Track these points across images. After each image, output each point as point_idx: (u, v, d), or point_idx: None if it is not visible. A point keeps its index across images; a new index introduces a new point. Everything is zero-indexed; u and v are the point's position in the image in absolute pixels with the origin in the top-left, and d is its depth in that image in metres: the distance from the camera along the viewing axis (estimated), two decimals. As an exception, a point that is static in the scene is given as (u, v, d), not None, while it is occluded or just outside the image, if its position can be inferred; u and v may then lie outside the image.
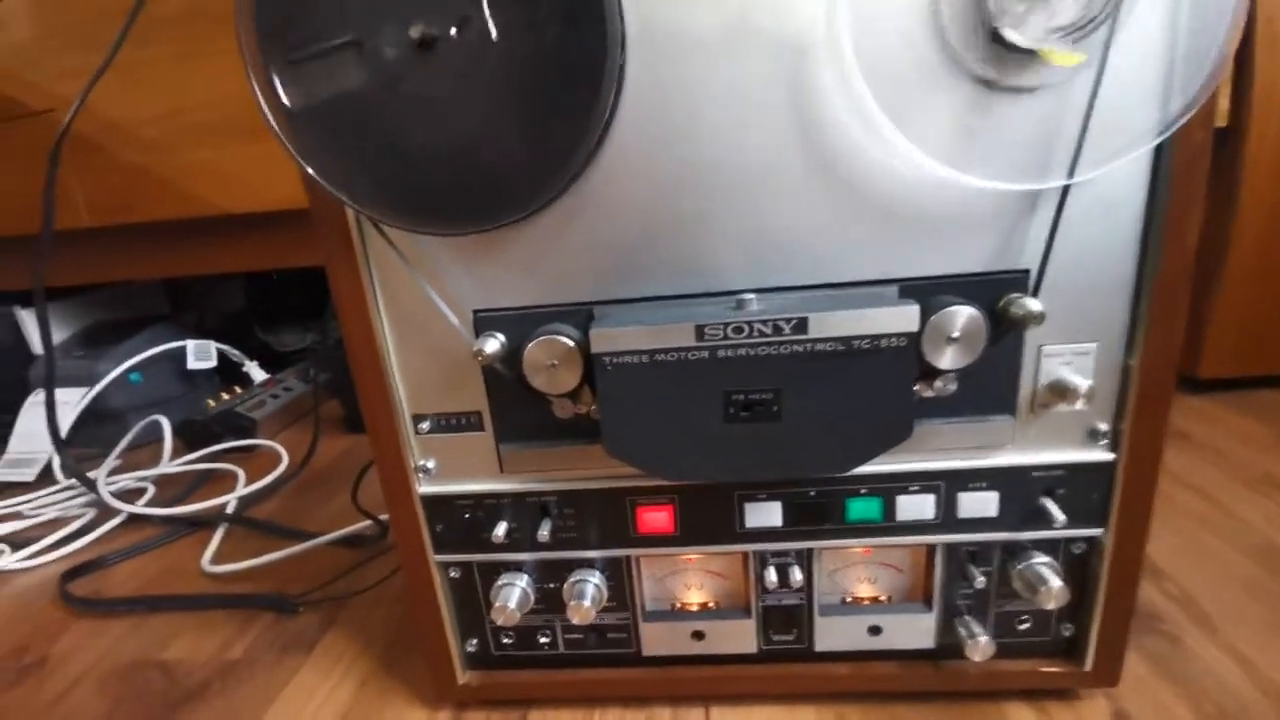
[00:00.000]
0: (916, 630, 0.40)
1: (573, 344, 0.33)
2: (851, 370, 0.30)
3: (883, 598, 0.41)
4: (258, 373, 1.07)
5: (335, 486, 0.80)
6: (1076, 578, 0.38)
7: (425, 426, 0.38)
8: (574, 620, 0.39)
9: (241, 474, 0.83)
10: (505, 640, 0.43)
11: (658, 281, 0.34)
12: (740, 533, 0.38)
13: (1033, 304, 0.30)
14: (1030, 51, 0.27)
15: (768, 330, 0.30)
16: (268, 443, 0.92)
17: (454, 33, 0.28)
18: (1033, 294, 0.31)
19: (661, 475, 0.34)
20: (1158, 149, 0.30)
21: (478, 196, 0.31)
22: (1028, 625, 0.40)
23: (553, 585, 0.41)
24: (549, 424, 0.36)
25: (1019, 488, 0.36)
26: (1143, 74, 0.28)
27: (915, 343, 0.30)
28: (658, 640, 0.42)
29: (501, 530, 0.39)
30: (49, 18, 0.83)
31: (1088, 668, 0.39)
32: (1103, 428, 0.35)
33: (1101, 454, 0.35)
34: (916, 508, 0.37)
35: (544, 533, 0.39)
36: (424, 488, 0.39)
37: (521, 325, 0.35)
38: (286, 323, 1.33)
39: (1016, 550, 0.38)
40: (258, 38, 0.29)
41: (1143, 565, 0.37)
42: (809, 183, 0.31)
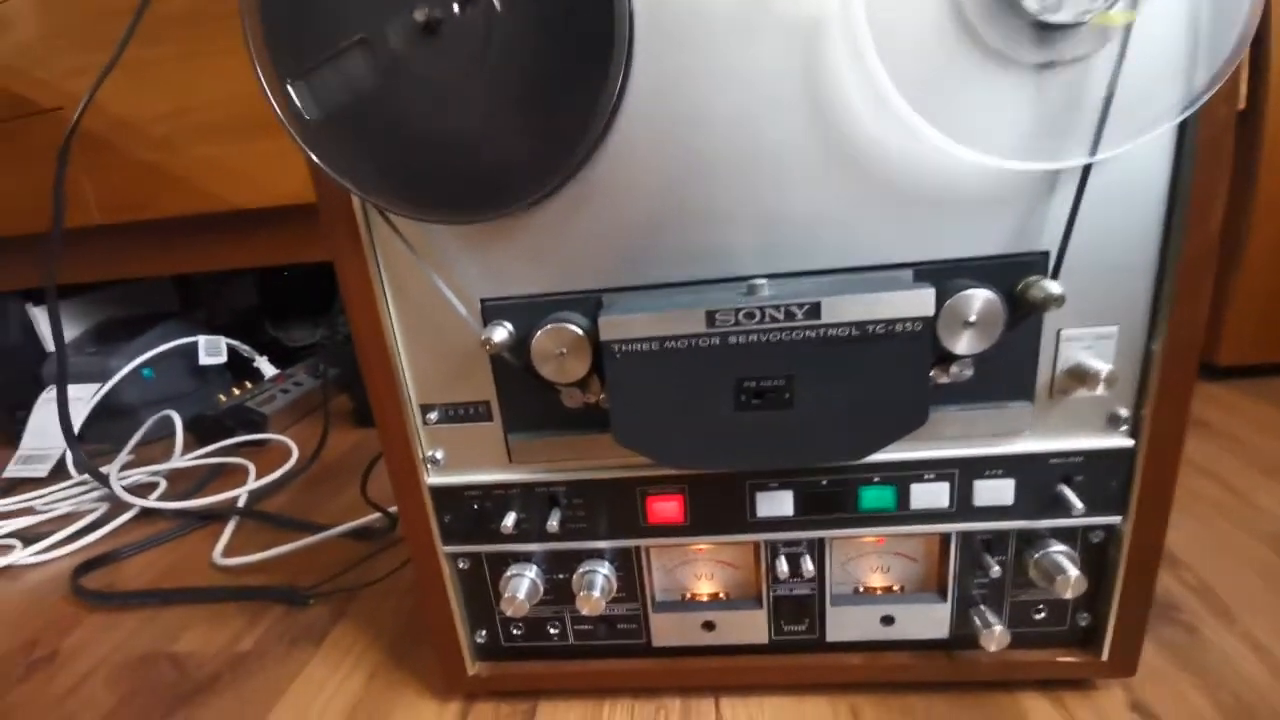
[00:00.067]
0: (930, 620, 0.40)
1: (581, 332, 0.32)
2: (865, 356, 0.30)
3: (896, 587, 0.40)
4: (268, 368, 1.08)
5: (345, 480, 0.80)
6: (1094, 566, 0.37)
7: (433, 417, 0.38)
8: (583, 611, 0.39)
9: (252, 468, 0.84)
10: (515, 631, 0.43)
11: (667, 268, 0.33)
12: (751, 522, 0.38)
13: (1053, 286, 0.29)
14: (1057, 26, 0.26)
15: (780, 316, 0.29)
16: (278, 437, 0.93)
17: (457, 10, 0.28)
18: (1052, 276, 0.30)
19: (671, 464, 0.34)
20: (1181, 126, 0.29)
21: (484, 183, 0.31)
22: (1043, 615, 0.39)
23: (562, 576, 0.41)
24: (557, 413, 0.36)
25: (1036, 475, 0.35)
26: (1166, 47, 0.28)
27: (931, 327, 0.29)
28: (668, 631, 0.42)
29: (510, 521, 0.38)
30: (57, 16, 0.83)
31: (1104, 657, 0.39)
32: (1123, 413, 0.34)
33: (1121, 440, 0.34)
34: (931, 496, 0.36)
35: (553, 523, 0.38)
36: (432, 479, 0.39)
37: (530, 314, 0.34)
38: (296, 319, 1.34)
39: (1033, 539, 0.37)
40: (269, 51, 0.29)
41: (1162, 553, 0.36)
42: (821, 165, 0.31)
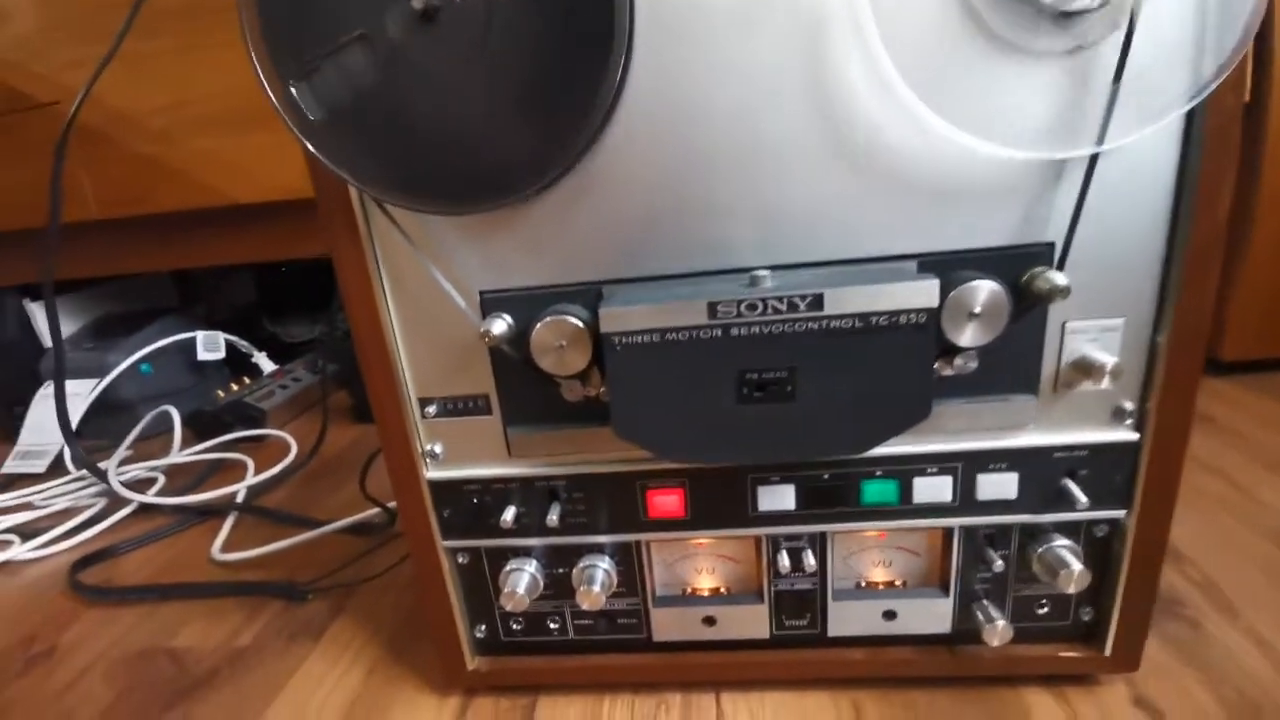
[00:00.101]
0: (932, 615, 0.39)
1: (581, 324, 0.32)
2: (869, 348, 0.29)
3: (898, 582, 0.40)
4: (266, 364, 1.08)
5: (344, 475, 0.80)
6: (1098, 561, 0.37)
7: (432, 410, 0.38)
8: (583, 606, 0.39)
9: (251, 463, 0.83)
10: (514, 626, 0.43)
11: (668, 260, 0.33)
12: (752, 516, 0.38)
13: (1058, 277, 0.29)
14: (1064, 13, 0.25)
15: (782, 307, 0.29)
16: (277, 432, 0.92)
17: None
18: (1058, 267, 0.30)
19: (672, 458, 0.33)
20: (1188, 116, 0.29)
21: (483, 174, 0.31)
22: (1046, 610, 0.39)
23: (562, 571, 0.40)
24: (557, 407, 0.36)
25: (1040, 469, 0.35)
26: (1173, 36, 0.27)
27: (935, 319, 0.29)
28: (668, 626, 0.41)
29: (510, 515, 0.38)
30: (55, 9, 0.83)
31: (1108, 653, 0.38)
32: (1128, 406, 0.34)
33: (1126, 434, 0.34)
34: (934, 490, 0.36)
35: (553, 517, 0.38)
36: (431, 472, 0.39)
37: (529, 306, 0.34)
38: (295, 315, 1.34)
39: (1036, 533, 0.37)
40: (269, 51, 0.29)
41: (1166, 548, 0.36)
42: (824, 156, 0.30)
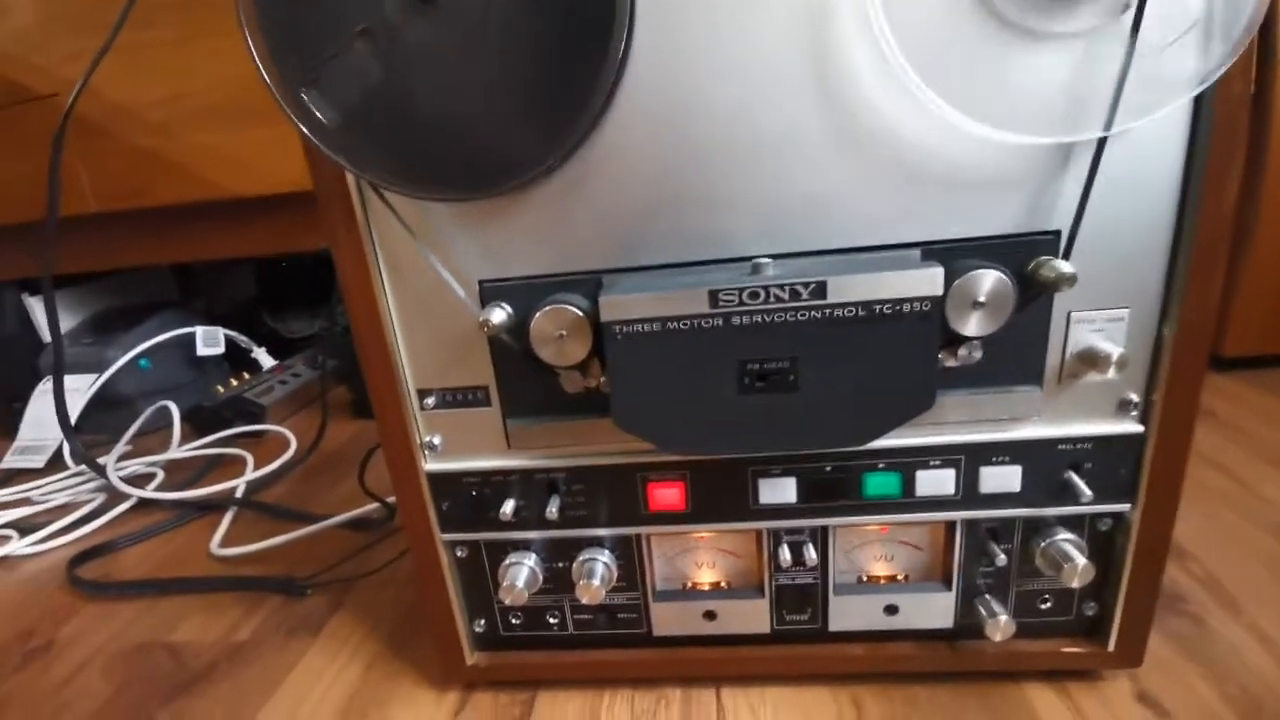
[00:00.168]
0: (934, 610, 0.39)
1: (581, 313, 0.32)
2: (872, 337, 0.29)
3: (900, 576, 0.40)
4: (266, 359, 1.07)
5: (343, 471, 0.80)
6: (1101, 555, 0.37)
7: (431, 402, 0.37)
8: (583, 600, 0.38)
9: (250, 459, 0.83)
10: (514, 621, 0.42)
11: (669, 249, 0.33)
12: (754, 510, 0.37)
13: (1064, 266, 0.28)
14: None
15: (785, 295, 0.29)
16: (276, 428, 0.92)
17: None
18: (1063, 256, 0.29)
19: (673, 449, 0.33)
20: (1196, 104, 0.28)
21: (482, 160, 0.30)
22: (1049, 604, 0.39)
23: (561, 564, 0.40)
24: (557, 398, 0.35)
25: (1044, 462, 0.35)
26: (1182, 18, 0.27)
27: (939, 307, 0.29)
28: (669, 620, 0.41)
29: (509, 508, 0.38)
30: (53, 2, 0.82)
31: (1111, 648, 0.38)
32: (1133, 398, 0.33)
33: (1131, 426, 0.34)
34: (937, 483, 0.36)
35: (552, 510, 0.38)
36: (430, 465, 0.38)
37: (529, 295, 0.33)
38: (295, 310, 1.33)
39: (1040, 527, 0.37)
40: (273, 57, 0.29)
41: (1170, 543, 0.36)
42: (827, 144, 0.30)
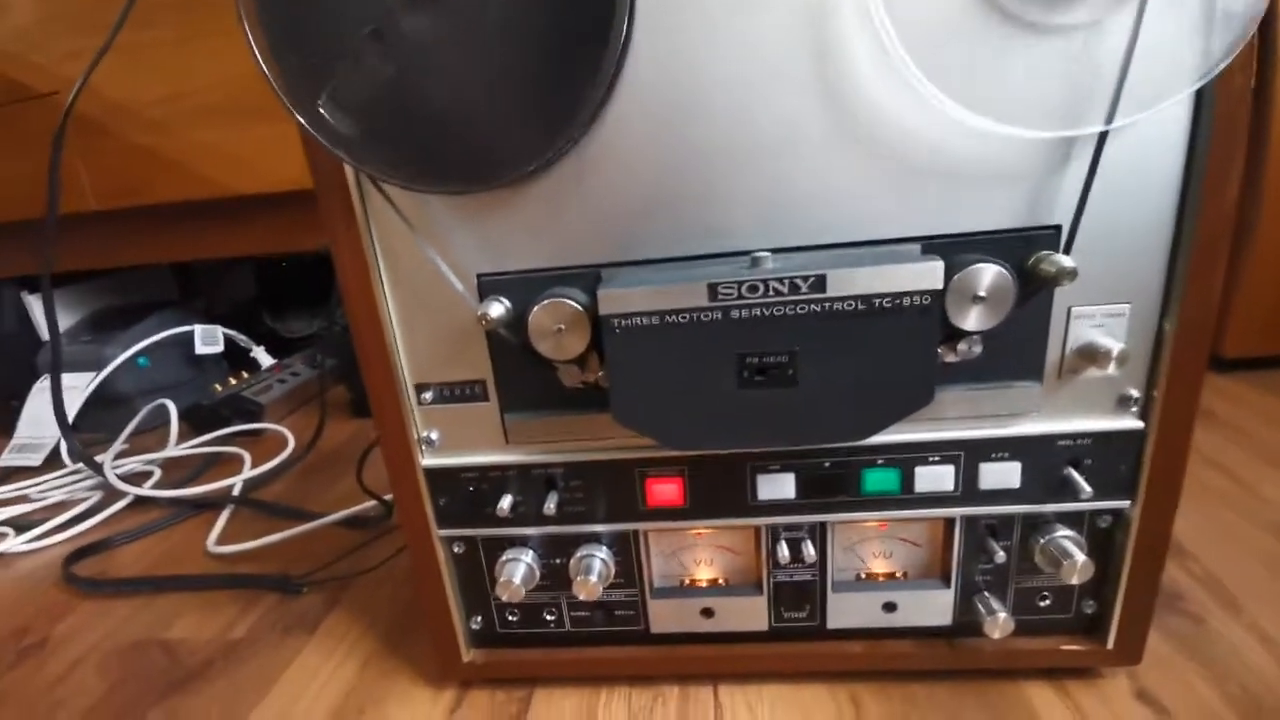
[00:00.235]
0: (933, 607, 0.39)
1: (580, 307, 0.31)
2: (871, 331, 0.29)
3: (899, 573, 0.39)
4: (265, 358, 1.07)
5: (341, 470, 0.79)
6: (1101, 552, 0.37)
7: (428, 397, 0.37)
8: (580, 597, 0.38)
9: (248, 457, 0.83)
10: (510, 618, 0.42)
11: (668, 243, 0.32)
12: (752, 506, 0.37)
13: (1065, 260, 0.28)
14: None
15: (784, 289, 0.28)
16: (274, 426, 0.92)
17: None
18: (1064, 251, 0.29)
19: (672, 444, 0.33)
20: (1197, 99, 0.28)
21: (481, 152, 0.30)
22: (1048, 602, 0.38)
23: (559, 561, 0.40)
24: (555, 393, 0.35)
25: (1044, 458, 0.35)
26: (1183, 12, 0.27)
27: (939, 301, 0.28)
28: (666, 618, 0.41)
29: (506, 504, 0.38)
30: (53, 1, 0.82)
31: (1110, 645, 0.38)
32: (1134, 394, 0.33)
33: (1131, 422, 0.34)
34: (936, 479, 0.36)
35: (550, 506, 0.38)
36: (427, 460, 0.38)
37: (527, 289, 0.33)
38: (294, 310, 1.33)
39: (1039, 523, 0.36)
40: (284, 74, 0.29)
41: (1170, 540, 0.35)
42: (827, 136, 0.30)
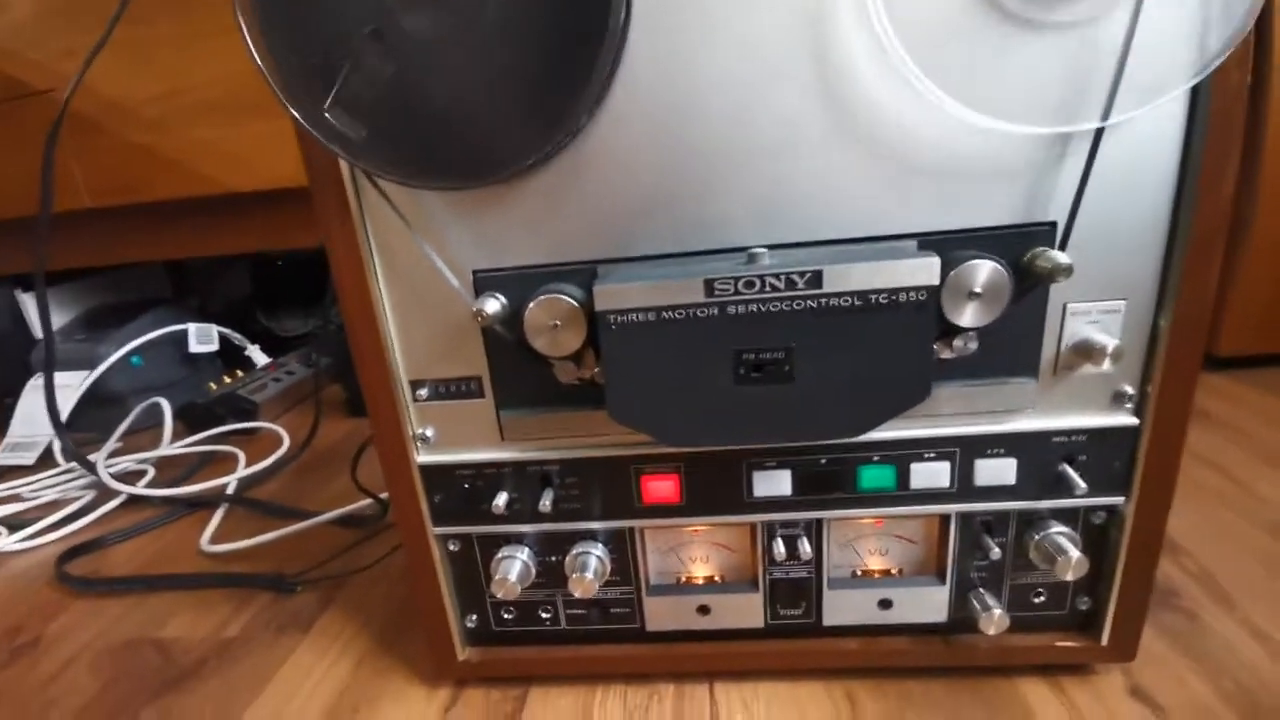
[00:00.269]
0: (929, 604, 0.39)
1: (575, 303, 0.31)
2: (868, 327, 0.29)
3: (894, 570, 0.39)
4: (259, 356, 1.07)
5: (336, 468, 0.79)
6: (1095, 549, 0.37)
7: (423, 393, 0.37)
8: (576, 594, 0.38)
9: (242, 456, 0.82)
10: (506, 615, 0.42)
11: (664, 239, 0.32)
12: (748, 503, 0.37)
13: (1060, 256, 0.28)
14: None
15: (780, 285, 0.28)
16: (269, 425, 0.92)
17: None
18: (1060, 247, 0.29)
19: (668, 441, 0.33)
20: (1193, 95, 0.28)
21: (476, 148, 0.30)
22: (1043, 598, 0.38)
23: (554, 558, 0.40)
24: (551, 389, 0.35)
25: (1039, 454, 0.35)
26: (1179, 9, 0.27)
27: (935, 297, 0.28)
28: (662, 615, 0.41)
29: (502, 501, 0.38)
30: (51, -4, 0.82)
31: (1104, 642, 0.38)
32: (1128, 390, 0.33)
33: (1126, 418, 0.34)
34: (931, 475, 0.36)
35: (545, 503, 0.38)
36: (422, 457, 0.38)
37: (523, 285, 0.33)
38: (289, 308, 1.33)
39: (1034, 520, 0.36)
40: (289, 85, 0.29)
41: (1164, 537, 0.35)
42: (824, 132, 0.30)
